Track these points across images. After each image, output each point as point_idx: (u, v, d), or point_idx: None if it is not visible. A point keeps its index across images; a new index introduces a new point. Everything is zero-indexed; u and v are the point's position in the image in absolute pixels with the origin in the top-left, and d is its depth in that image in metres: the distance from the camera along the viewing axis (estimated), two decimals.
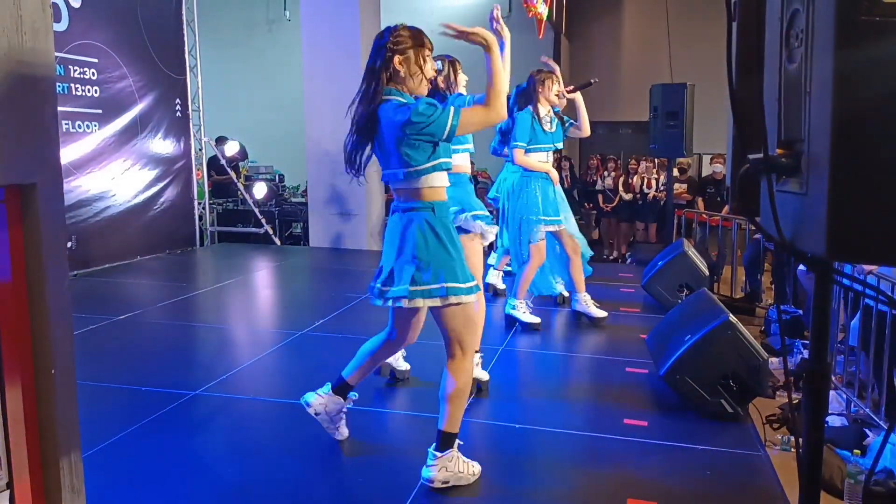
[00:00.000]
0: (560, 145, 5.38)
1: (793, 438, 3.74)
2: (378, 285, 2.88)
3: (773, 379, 4.60)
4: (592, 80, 5.73)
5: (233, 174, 10.60)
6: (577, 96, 5.50)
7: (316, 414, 3.25)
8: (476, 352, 4.16)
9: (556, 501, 2.95)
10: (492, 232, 4.15)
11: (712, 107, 10.53)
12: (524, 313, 5.36)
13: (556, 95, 5.17)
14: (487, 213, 4.27)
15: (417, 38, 2.85)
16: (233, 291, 7.09)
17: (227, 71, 14.19)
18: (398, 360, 4.23)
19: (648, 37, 14.64)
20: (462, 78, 4.12)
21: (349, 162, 2.92)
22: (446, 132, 2.70)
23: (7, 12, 1.68)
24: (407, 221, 2.83)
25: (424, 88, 2.90)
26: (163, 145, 8.80)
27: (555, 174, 5.32)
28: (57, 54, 6.92)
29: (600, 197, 11.64)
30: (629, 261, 9.71)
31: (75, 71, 7.38)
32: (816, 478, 1.62)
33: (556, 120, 5.30)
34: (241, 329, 5.83)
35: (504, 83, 2.79)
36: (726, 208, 9.49)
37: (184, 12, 9.23)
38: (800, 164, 1.23)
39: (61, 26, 7.15)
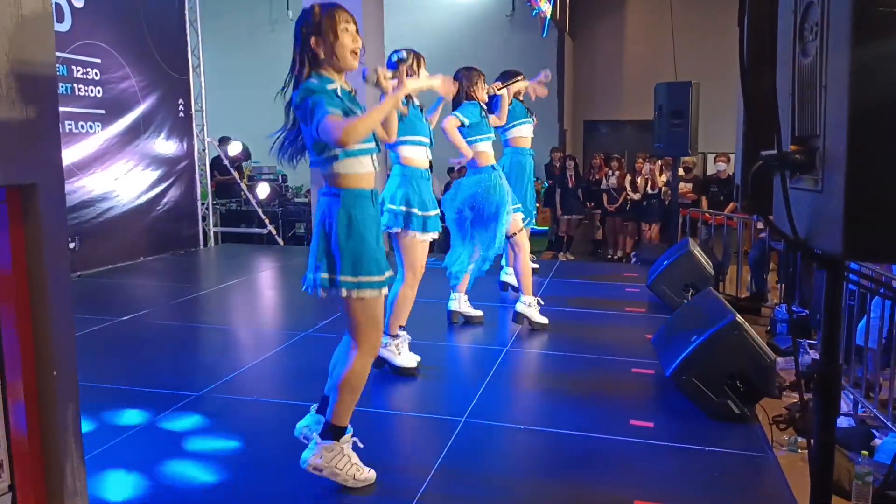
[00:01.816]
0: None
1: (800, 439, 3.72)
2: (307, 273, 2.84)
3: (779, 379, 4.58)
4: (519, 78, 5.79)
5: (236, 174, 10.59)
6: (504, 92, 5.60)
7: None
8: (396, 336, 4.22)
9: (562, 503, 2.93)
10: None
11: (716, 105, 10.53)
12: (535, 312, 5.33)
13: (486, 93, 5.17)
14: (438, 212, 4.30)
15: (330, 13, 2.74)
16: (236, 292, 7.07)
17: (230, 71, 14.18)
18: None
19: (652, 35, 14.61)
20: (423, 73, 4.09)
21: (279, 149, 2.94)
22: (312, 125, 2.63)
23: (8, 11, 1.66)
24: (321, 207, 2.82)
25: (351, 61, 2.77)
26: (166, 145, 8.79)
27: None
28: (60, 55, 6.95)
29: (605, 196, 11.61)
30: (634, 260, 9.69)
31: (78, 71, 7.37)
32: (827, 479, 1.60)
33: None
34: (245, 330, 5.82)
35: (369, 127, 2.67)
36: (730, 206, 9.47)
37: (187, 12, 9.21)
38: (814, 161, 1.20)
39: (64, 26, 7.14)
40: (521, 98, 6.14)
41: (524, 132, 6.16)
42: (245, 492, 2.97)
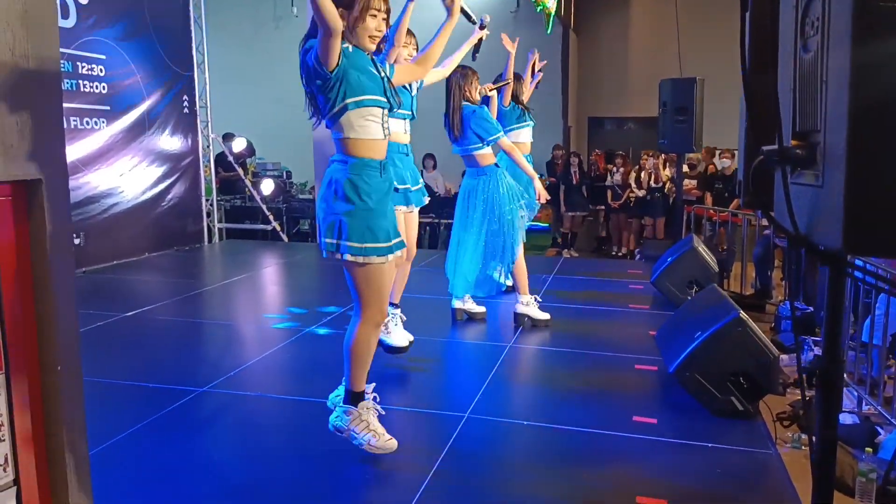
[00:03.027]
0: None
1: (804, 436, 3.71)
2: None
3: (783, 376, 4.57)
4: (507, 81, 5.76)
5: (240, 171, 10.60)
6: (494, 94, 5.63)
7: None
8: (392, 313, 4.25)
9: (565, 499, 2.93)
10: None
11: (721, 102, 10.50)
12: (534, 309, 5.34)
13: (479, 93, 5.15)
14: (420, 185, 4.34)
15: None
16: (240, 288, 7.08)
17: (235, 67, 14.18)
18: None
19: (657, 31, 14.57)
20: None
21: (310, 114, 2.95)
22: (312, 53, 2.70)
23: (11, 6, 1.67)
24: (329, 172, 2.89)
25: (368, 44, 2.79)
26: (170, 142, 8.80)
27: None
28: (65, 51, 6.96)
29: (609, 193, 11.59)
30: (638, 257, 9.67)
31: (83, 67, 7.39)
32: (829, 476, 1.60)
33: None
34: (249, 326, 5.83)
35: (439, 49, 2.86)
36: (735, 203, 9.45)
37: (191, 8, 9.22)
38: (815, 156, 1.20)
39: (69, 23, 7.15)
40: (521, 101, 6.07)
41: (522, 137, 6.03)
42: (249, 487, 2.97)
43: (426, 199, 4.45)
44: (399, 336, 4.31)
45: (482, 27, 3.35)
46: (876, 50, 1.05)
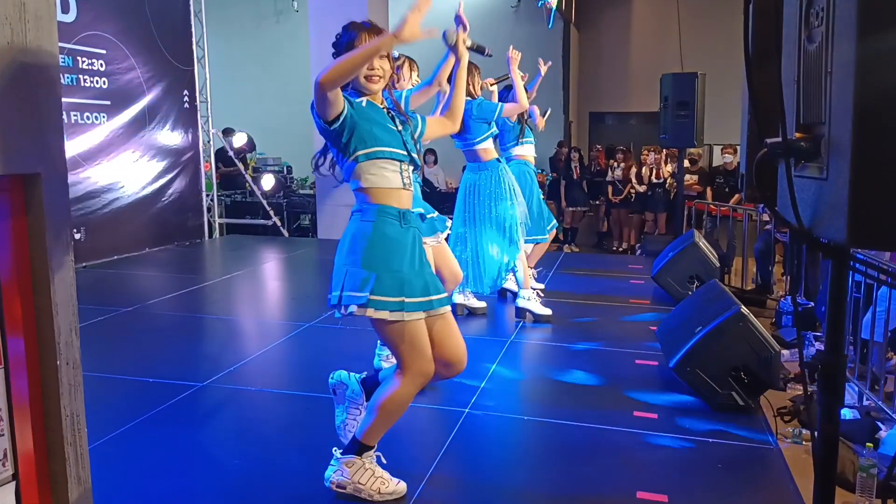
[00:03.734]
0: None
1: (804, 431, 3.71)
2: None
3: (784, 371, 4.56)
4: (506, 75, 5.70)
5: (241, 166, 10.59)
6: (495, 89, 5.54)
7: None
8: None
9: (565, 494, 2.93)
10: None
11: (723, 97, 10.48)
12: (536, 304, 5.34)
13: (481, 87, 5.12)
14: (434, 214, 4.24)
15: (352, 34, 2.69)
16: (241, 283, 7.08)
17: (235, 62, 14.18)
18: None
19: (658, 26, 14.54)
20: (415, 78, 4.08)
21: (314, 166, 2.89)
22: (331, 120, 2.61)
23: (10, 0, 1.66)
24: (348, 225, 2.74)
25: (365, 84, 2.68)
26: (171, 137, 8.79)
27: None
28: (65, 45, 6.95)
29: (609, 188, 11.57)
30: (639, 252, 9.67)
31: (83, 62, 7.37)
32: (831, 470, 1.60)
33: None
34: (249, 321, 5.83)
35: (353, 62, 2.53)
36: (735, 198, 9.44)
37: (191, 3, 9.21)
38: (819, 148, 1.19)
39: (69, 17, 7.13)
40: (524, 120, 5.94)
41: (523, 151, 5.96)
42: (248, 481, 2.97)
43: (448, 223, 4.33)
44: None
45: (489, 55, 3.28)
46: (882, 41, 1.04)
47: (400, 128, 2.73)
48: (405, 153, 2.69)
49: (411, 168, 2.74)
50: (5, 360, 1.69)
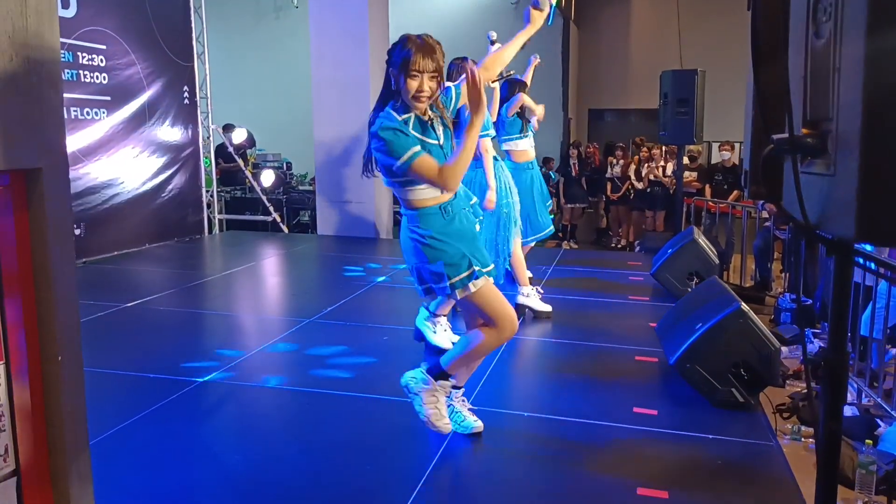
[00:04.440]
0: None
1: (804, 428, 3.71)
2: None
3: (783, 368, 4.56)
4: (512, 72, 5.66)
5: (240, 162, 10.58)
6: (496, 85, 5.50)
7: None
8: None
9: (565, 490, 2.93)
10: None
11: (722, 94, 10.47)
12: (536, 300, 5.34)
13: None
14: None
15: (407, 54, 2.79)
16: (241, 279, 7.08)
17: (235, 58, 14.16)
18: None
19: (658, 23, 14.53)
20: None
21: (364, 165, 3.11)
22: (398, 164, 2.80)
23: None
24: (402, 225, 3.06)
25: (415, 104, 2.87)
26: (171, 132, 8.78)
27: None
28: (65, 41, 6.94)
29: (609, 185, 11.57)
30: (638, 249, 9.66)
31: (83, 58, 7.36)
32: (833, 467, 1.59)
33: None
34: (249, 316, 5.83)
35: (463, 167, 2.82)
36: (734, 194, 9.44)
37: None
38: (826, 145, 1.18)
39: (69, 13, 7.12)
40: (524, 115, 5.83)
41: (520, 146, 5.87)
42: (249, 476, 2.97)
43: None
44: (442, 337, 4.34)
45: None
46: (892, 36, 1.03)
47: (442, 140, 2.95)
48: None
49: None
50: (6, 356, 1.68)
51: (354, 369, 4.23)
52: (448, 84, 3.10)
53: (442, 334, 4.59)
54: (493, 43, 4.65)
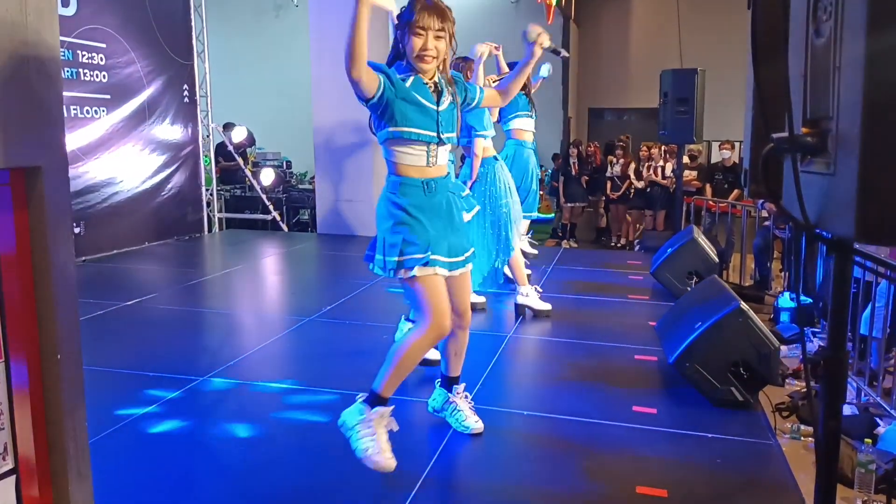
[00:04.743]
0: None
1: (803, 427, 3.72)
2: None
3: (782, 367, 4.57)
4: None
5: (240, 160, 10.58)
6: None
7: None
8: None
9: (565, 489, 2.93)
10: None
11: (722, 93, 10.47)
12: (535, 300, 5.34)
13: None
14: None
15: (416, 11, 2.75)
16: (240, 277, 7.08)
17: (235, 57, 14.16)
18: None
19: (658, 22, 14.53)
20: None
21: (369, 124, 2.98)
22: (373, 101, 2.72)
23: None
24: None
25: (418, 63, 2.78)
26: (170, 131, 8.78)
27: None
28: (65, 39, 6.93)
29: (608, 184, 11.57)
30: (637, 248, 9.67)
31: (83, 56, 7.36)
32: (833, 466, 1.60)
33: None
34: (249, 315, 5.83)
35: (354, 38, 2.59)
36: (734, 194, 9.44)
37: None
38: (826, 144, 1.18)
39: (69, 11, 7.11)
40: (526, 91, 6.04)
41: (525, 125, 6.05)
42: (248, 475, 2.97)
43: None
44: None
45: (565, 56, 3.51)
46: (892, 35, 1.03)
47: (442, 107, 2.84)
48: (434, 135, 2.81)
49: (441, 148, 2.86)
50: (6, 354, 1.68)
51: (354, 368, 4.22)
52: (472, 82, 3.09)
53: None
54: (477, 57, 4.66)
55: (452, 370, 3.27)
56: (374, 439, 2.78)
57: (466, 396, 3.36)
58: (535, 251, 7.02)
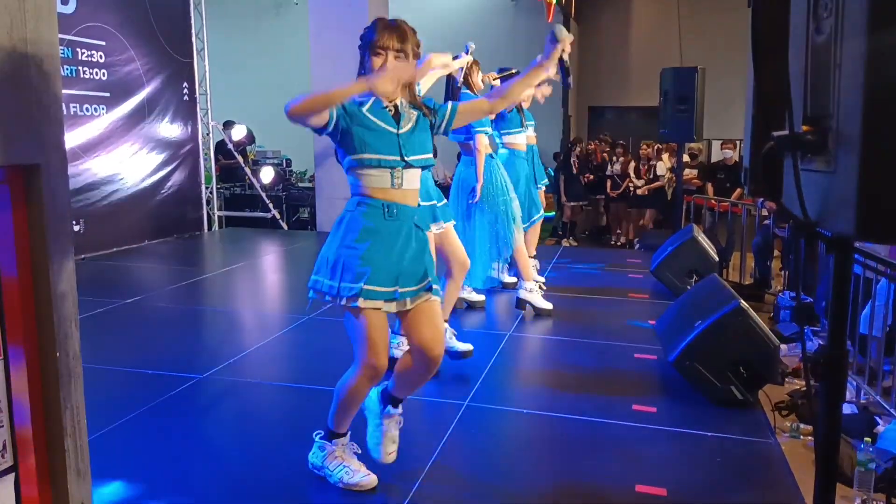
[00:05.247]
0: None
1: (803, 426, 3.72)
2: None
3: (782, 366, 4.56)
4: (514, 70, 5.56)
5: (240, 158, 10.57)
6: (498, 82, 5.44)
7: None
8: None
9: (564, 488, 2.93)
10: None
11: (722, 91, 10.47)
12: (538, 297, 5.33)
13: (482, 81, 5.09)
14: (446, 203, 4.27)
15: (374, 34, 2.63)
16: (240, 276, 7.08)
17: (235, 55, 14.14)
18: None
19: (658, 20, 14.52)
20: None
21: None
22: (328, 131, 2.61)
23: None
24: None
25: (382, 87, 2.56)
26: (170, 129, 8.77)
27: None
28: (65, 37, 6.92)
29: (608, 183, 11.56)
30: (637, 246, 9.66)
31: (83, 54, 7.35)
32: (832, 465, 1.60)
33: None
34: (248, 313, 5.82)
35: (314, 102, 2.49)
36: (736, 193, 9.43)
37: None
38: (826, 141, 1.18)
39: (69, 9, 7.11)
40: (518, 106, 5.80)
41: (517, 140, 5.88)
42: (247, 472, 2.97)
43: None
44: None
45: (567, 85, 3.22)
46: (892, 32, 1.03)
47: (403, 129, 2.66)
48: (397, 158, 2.62)
49: (407, 171, 2.65)
50: (5, 352, 1.68)
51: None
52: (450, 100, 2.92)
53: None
54: (468, 52, 4.53)
55: (398, 391, 2.88)
56: (344, 466, 2.83)
57: (399, 422, 2.90)
58: (534, 253, 6.81)
